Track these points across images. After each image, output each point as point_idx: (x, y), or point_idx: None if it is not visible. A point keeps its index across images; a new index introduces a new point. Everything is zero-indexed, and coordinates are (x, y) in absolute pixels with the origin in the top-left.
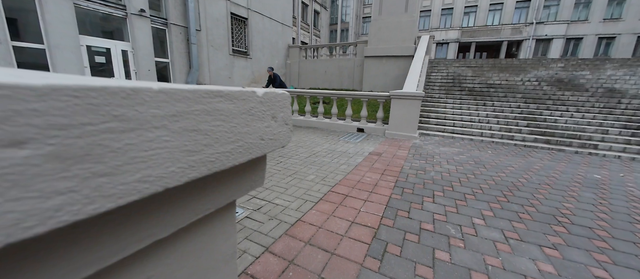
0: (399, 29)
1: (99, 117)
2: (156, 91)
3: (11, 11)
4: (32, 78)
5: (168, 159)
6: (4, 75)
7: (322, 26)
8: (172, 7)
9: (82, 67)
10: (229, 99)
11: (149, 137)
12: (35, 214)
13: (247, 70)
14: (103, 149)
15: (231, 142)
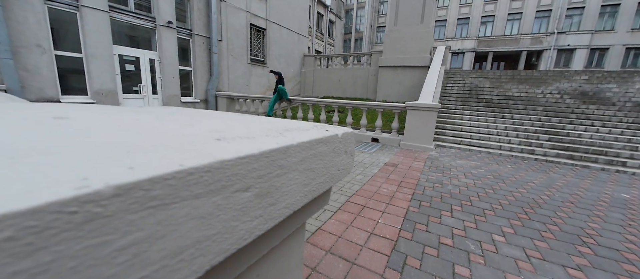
0: (415, 40)
1: (274, 168)
2: (296, 145)
3: (54, 22)
4: (248, 148)
5: (296, 191)
6: (235, 150)
7: (337, 35)
8: (197, 18)
9: (113, 74)
10: (325, 143)
11: (290, 177)
12: (248, 230)
13: (264, 78)
14: (273, 188)
15: (323, 174)
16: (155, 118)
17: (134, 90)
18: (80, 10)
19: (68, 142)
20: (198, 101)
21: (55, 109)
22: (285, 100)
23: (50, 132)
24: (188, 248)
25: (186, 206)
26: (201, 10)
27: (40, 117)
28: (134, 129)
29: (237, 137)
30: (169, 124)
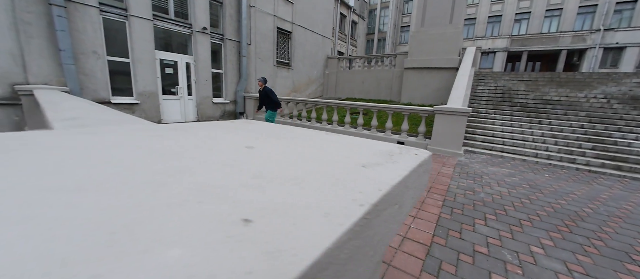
0: (443, 41)
1: (404, 188)
2: (413, 170)
3: (107, 31)
4: (393, 174)
5: (410, 206)
6: (390, 177)
7: (359, 36)
8: (228, 24)
9: (155, 77)
10: (422, 164)
11: (408, 194)
12: (390, 236)
13: (288, 80)
14: (402, 202)
15: (420, 190)
16: (312, 147)
17: (171, 91)
18: (129, 20)
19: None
20: (228, 101)
21: (241, 138)
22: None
23: (289, 165)
24: (378, 242)
25: (380, 216)
26: (232, 16)
27: (235, 146)
28: (319, 158)
29: (373, 164)
30: (327, 151)
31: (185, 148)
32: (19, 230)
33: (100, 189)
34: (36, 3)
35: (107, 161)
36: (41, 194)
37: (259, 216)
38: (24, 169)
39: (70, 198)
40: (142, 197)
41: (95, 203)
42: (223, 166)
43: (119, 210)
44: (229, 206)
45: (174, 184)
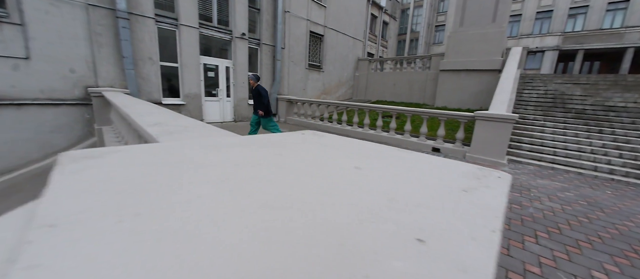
0: (484, 41)
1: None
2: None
3: (161, 39)
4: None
5: None
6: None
7: (390, 37)
8: (265, 29)
9: (199, 80)
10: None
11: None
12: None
13: (319, 82)
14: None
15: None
16: (403, 166)
17: (212, 93)
18: (179, 28)
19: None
20: None
21: (341, 157)
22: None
23: (405, 186)
24: None
25: None
26: (269, 21)
27: (346, 167)
28: (421, 180)
29: (471, 189)
30: (420, 172)
31: (309, 166)
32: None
33: (307, 207)
34: (106, 17)
35: (275, 180)
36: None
37: (427, 237)
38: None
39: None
40: (345, 218)
41: (324, 220)
42: (360, 190)
43: (337, 226)
44: (395, 227)
45: (344, 206)
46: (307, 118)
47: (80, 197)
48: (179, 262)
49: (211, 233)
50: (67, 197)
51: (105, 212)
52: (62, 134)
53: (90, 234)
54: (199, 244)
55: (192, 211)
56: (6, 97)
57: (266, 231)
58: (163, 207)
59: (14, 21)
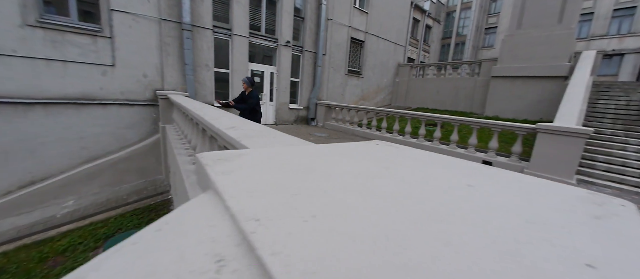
0: (548, 44)
1: None
2: None
3: (215, 48)
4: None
5: None
6: None
7: (433, 41)
8: (308, 37)
9: None
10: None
11: None
12: None
13: (358, 88)
14: None
15: None
16: (500, 185)
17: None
18: (232, 38)
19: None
20: (301, 107)
21: (453, 175)
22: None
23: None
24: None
25: None
26: (312, 29)
27: (457, 184)
28: (533, 210)
29: (592, 218)
30: (520, 192)
31: (425, 181)
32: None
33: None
34: (174, 29)
35: (414, 194)
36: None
37: (596, 263)
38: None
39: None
40: (505, 238)
41: (491, 234)
42: (494, 209)
43: (507, 245)
44: (560, 250)
45: (492, 225)
46: (345, 123)
47: (254, 197)
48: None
49: (402, 240)
50: (245, 197)
51: (287, 212)
52: (134, 130)
53: (289, 229)
54: (397, 248)
55: (363, 217)
56: (96, 98)
57: (449, 246)
58: (333, 210)
59: (105, 35)
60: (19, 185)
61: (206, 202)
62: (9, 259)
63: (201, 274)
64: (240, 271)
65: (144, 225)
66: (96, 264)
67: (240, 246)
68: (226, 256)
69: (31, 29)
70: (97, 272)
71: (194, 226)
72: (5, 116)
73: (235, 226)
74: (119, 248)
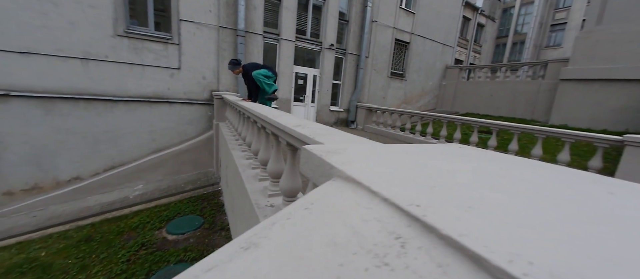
0: (638, 42)
1: None
2: None
3: (264, 52)
4: None
5: None
6: None
7: (486, 40)
8: (351, 39)
9: (290, 87)
10: None
11: None
12: None
13: (400, 91)
14: None
15: None
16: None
17: (299, 99)
18: (279, 42)
19: None
20: (342, 110)
21: (580, 182)
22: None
23: None
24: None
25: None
26: (356, 32)
27: (593, 191)
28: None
29: None
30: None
31: (558, 191)
32: None
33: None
34: (230, 35)
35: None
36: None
37: None
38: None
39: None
40: None
41: None
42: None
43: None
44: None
45: None
46: (387, 127)
47: (396, 185)
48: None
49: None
50: (388, 185)
51: (442, 201)
52: (193, 126)
53: (457, 215)
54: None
55: (528, 212)
56: (164, 97)
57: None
58: (489, 203)
59: (174, 42)
60: (103, 168)
61: (340, 188)
62: (96, 229)
63: (387, 247)
64: (425, 248)
65: (199, 212)
66: (263, 232)
67: (412, 227)
68: (402, 234)
69: (119, 39)
70: (268, 239)
71: (343, 207)
72: (98, 111)
73: (395, 209)
74: (275, 220)
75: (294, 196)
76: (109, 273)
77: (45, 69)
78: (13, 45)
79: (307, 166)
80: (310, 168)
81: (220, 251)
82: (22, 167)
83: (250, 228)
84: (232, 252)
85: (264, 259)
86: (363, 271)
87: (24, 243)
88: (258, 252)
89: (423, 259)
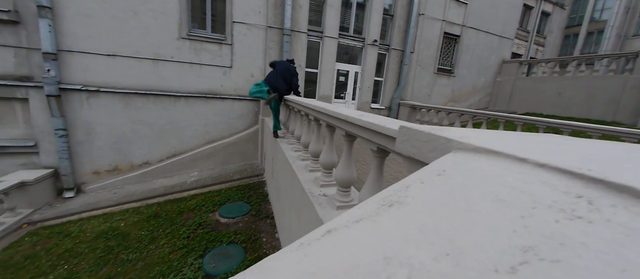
0: None
1: None
2: None
3: (307, 50)
4: None
5: None
6: None
7: (551, 31)
8: (396, 34)
9: (331, 84)
10: None
11: None
12: None
13: (448, 88)
14: None
15: None
16: None
17: (340, 96)
18: (323, 39)
19: None
20: (383, 107)
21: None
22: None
23: None
24: None
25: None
26: (401, 26)
27: None
28: None
29: None
30: None
31: None
32: None
33: None
34: (276, 35)
35: None
36: None
37: None
38: None
39: None
40: None
41: None
42: None
43: None
44: None
45: None
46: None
47: (537, 154)
48: None
49: None
50: (534, 155)
51: (611, 167)
52: (241, 120)
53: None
54: None
55: None
56: (217, 93)
57: None
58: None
59: (227, 42)
60: (167, 155)
61: (468, 158)
62: (161, 208)
63: (572, 204)
64: (622, 206)
65: (246, 199)
66: (398, 193)
67: (590, 187)
68: (583, 194)
69: (183, 41)
70: (413, 198)
71: (488, 172)
72: (164, 105)
73: (561, 173)
74: (408, 184)
75: (349, 187)
76: (173, 246)
77: (125, 68)
78: (103, 49)
79: (407, 143)
80: (414, 145)
81: (358, 208)
82: (106, 152)
83: (303, 216)
84: (375, 209)
85: (419, 213)
86: (553, 222)
87: (108, 214)
88: (407, 208)
89: (624, 214)
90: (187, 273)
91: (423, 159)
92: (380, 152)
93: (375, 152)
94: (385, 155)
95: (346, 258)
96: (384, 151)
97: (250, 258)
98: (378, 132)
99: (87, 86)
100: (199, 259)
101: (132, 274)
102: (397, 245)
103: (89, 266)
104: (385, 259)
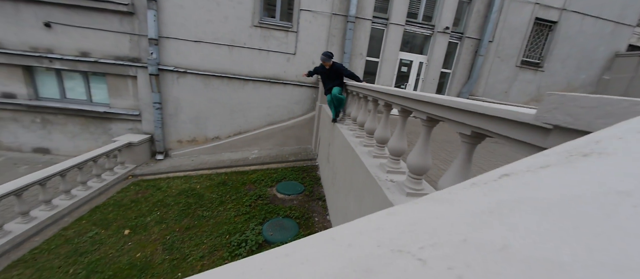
0: None
1: None
2: None
3: (370, 38)
4: None
5: None
6: None
7: None
8: (472, 21)
9: (392, 74)
10: None
11: None
12: None
13: (532, 85)
14: None
15: None
16: None
17: (400, 87)
18: (387, 27)
19: None
20: None
21: None
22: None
23: None
24: None
25: None
26: (480, 11)
27: None
28: None
29: None
30: None
31: None
32: None
33: None
34: (340, 22)
35: None
36: None
37: None
38: None
39: None
40: None
41: None
42: None
43: None
44: None
45: None
46: None
47: None
48: None
49: None
50: None
51: None
52: (299, 105)
53: None
54: None
55: None
56: (280, 78)
57: None
58: None
59: (293, 30)
60: (234, 133)
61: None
62: (228, 177)
63: None
64: None
65: (300, 180)
66: (590, 146)
67: None
68: None
69: (254, 29)
70: (615, 149)
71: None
72: (234, 87)
73: None
74: (598, 139)
75: (422, 175)
76: (237, 211)
77: (206, 53)
78: (191, 36)
79: (558, 111)
80: (570, 112)
81: (540, 155)
82: (188, 125)
83: (366, 200)
84: (562, 158)
85: (628, 163)
86: None
87: (187, 177)
88: (612, 158)
89: None
90: (250, 236)
91: (584, 128)
92: (472, 138)
93: (468, 136)
94: (478, 141)
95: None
96: (480, 136)
97: (304, 233)
98: (501, 118)
99: (177, 67)
100: (259, 225)
101: (206, 228)
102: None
103: (174, 215)
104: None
